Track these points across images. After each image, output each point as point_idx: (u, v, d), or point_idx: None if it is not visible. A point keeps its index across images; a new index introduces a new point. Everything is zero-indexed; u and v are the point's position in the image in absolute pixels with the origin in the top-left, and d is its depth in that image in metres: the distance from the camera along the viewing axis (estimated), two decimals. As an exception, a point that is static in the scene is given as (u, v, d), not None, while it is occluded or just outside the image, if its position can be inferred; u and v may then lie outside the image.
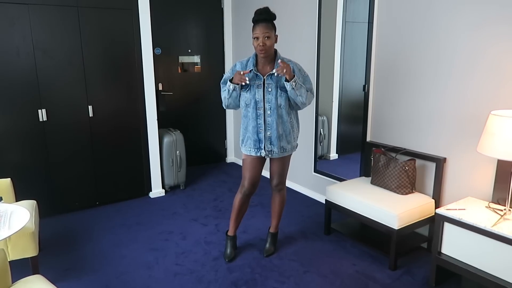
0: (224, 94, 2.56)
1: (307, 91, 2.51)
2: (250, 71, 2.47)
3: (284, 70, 2.34)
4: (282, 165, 2.72)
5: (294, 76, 2.39)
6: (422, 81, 2.80)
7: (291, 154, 2.72)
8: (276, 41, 2.48)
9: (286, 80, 2.40)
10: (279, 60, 2.39)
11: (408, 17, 2.83)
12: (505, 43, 2.30)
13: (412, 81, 2.88)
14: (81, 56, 3.45)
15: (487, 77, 2.42)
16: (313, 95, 2.62)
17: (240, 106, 2.60)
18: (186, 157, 4.30)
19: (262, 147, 2.58)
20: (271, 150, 2.59)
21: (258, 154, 2.61)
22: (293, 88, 2.40)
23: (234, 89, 2.48)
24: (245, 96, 2.53)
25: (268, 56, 2.47)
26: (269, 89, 2.49)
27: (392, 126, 3.07)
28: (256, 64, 2.52)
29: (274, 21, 2.45)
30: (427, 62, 2.75)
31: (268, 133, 2.54)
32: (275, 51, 2.53)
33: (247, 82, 2.42)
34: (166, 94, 4.65)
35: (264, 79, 2.49)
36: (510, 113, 2.16)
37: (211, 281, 2.55)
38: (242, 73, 2.41)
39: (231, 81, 2.48)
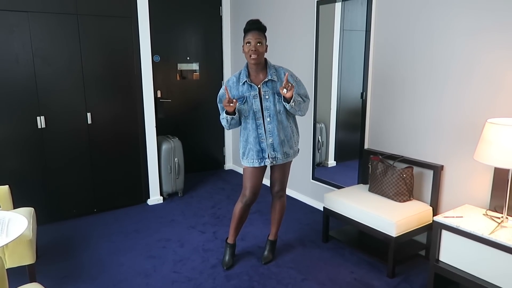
0: (223, 122, 2.55)
1: (304, 101, 2.54)
2: (235, 100, 2.42)
3: (289, 87, 2.34)
4: (283, 171, 2.72)
5: (293, 96, 2.40)
6: (419, 88, 2.83)
7: (292, 160, 2.73)
8: (266, 51, 2.52)
9: (285, 101, 2.43)
10: (286, 74, 2.41)
11: (405, 25, 2.86)
12: (500, 50, 2.33)
13: (409, 89, 2.90)
14: (80, 64, 3.47)
15: (483, 85, 2.44)
16: (309, 100, 2.64)
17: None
18: (184, 164, 4.30)
19: (266, 156, 2.57)
20: (275, 157, 2.58)
21: (262, 164, 2.60)
22: (292, 107, 2.45)
23: (232, 119, 2.49)
24: (243, 108, 2.53)
25: (259, 63, 2.50)
26: (266, 97, 2.50)
27: (389, 133, 3.09)
28: (248, 75, 2.54)
29: (265, 33, 2.51)
30: (424, 70, 2.78)
31: (270, 140, 2.55)
32: (265, 59, 2.56)
33: (235, 100, 2.40)
34: (164, 101, 4.66)
35: (259, 88, 2.51)
36: (507, 121, 2.17)
37: (209, 289, 2.54)
38: (227, 100, 2.37)
39: (226, 112, 2.46)
